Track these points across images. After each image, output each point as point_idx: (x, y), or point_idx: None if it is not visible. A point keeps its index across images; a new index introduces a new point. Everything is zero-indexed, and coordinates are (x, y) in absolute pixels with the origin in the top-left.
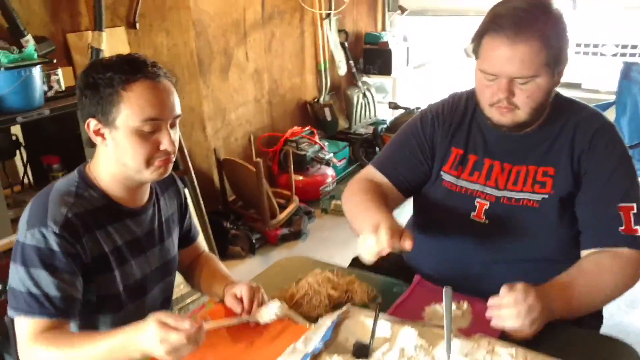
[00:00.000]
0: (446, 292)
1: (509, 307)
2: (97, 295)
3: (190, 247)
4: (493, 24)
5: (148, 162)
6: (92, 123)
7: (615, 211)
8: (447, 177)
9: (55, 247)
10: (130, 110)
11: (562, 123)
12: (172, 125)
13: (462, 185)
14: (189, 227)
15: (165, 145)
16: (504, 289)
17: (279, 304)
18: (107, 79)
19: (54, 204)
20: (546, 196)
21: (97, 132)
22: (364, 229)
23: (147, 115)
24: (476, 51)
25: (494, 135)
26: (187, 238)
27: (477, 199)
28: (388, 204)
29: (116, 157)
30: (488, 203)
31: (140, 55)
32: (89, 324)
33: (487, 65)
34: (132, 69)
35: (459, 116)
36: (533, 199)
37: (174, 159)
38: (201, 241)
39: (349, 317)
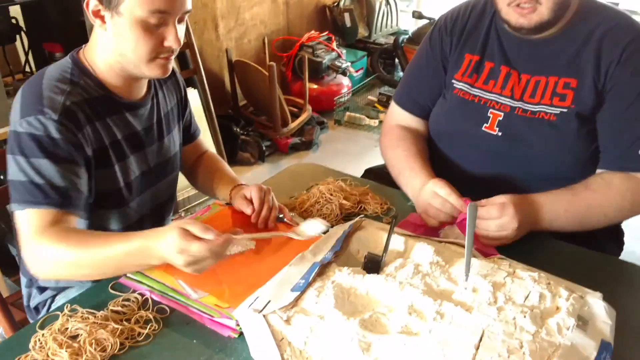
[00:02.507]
0: (470, 208)
1: (486, 221)
2: (97, 191)
3: (192, 145)
4: None
5: (149, 58)
6: (92, 2)
7: (638, 134)
8: (459, 85)
9: (55, 134)
10: None
11: (589, 29)
12: (180, 21)
13: (475, 93)
14: (189, 122)
15: (170, 41)
16: (484, 202)
17: (321, 220)
18: None
19: (49, 92)
20: (565, 110)
21: (97, 14)
22: (410, 189)
23: (156, 7)
24: None
25: (512, 41)
26: (187, 134)
27: (491, 110)
28: (425, 146)
29: (115, 46)
30: (502, 114)
31: None
32: (94, 223)
33: None
34: None
35: (475, 20)
36: (550, 112)
37: (173, 58)
38: (204, 140)
39: (362, 229)
